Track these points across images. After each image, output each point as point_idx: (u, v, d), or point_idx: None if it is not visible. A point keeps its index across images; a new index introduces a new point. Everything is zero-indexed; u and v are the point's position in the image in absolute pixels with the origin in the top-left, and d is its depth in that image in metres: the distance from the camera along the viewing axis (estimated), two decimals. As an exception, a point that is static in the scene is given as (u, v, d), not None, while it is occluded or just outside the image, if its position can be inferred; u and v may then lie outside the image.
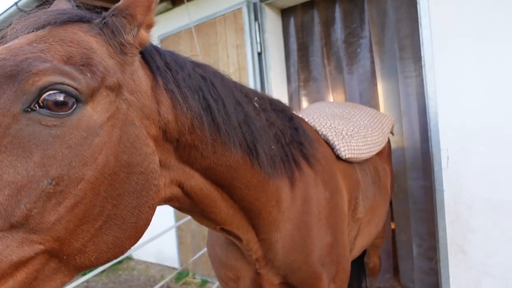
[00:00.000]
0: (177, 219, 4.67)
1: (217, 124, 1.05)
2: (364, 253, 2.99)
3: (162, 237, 4.46)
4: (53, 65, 0.70)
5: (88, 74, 0.75)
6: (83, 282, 4.80)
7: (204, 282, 4.64)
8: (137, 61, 0.91)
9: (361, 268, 3.07)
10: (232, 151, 1.10)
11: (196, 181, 1.07)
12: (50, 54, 0.72)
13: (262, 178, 1.21)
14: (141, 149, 0.83)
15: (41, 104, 0.68)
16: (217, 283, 3.88)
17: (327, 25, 3.90)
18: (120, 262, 5.59)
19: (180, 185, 1.05)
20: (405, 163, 3.48)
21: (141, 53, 0.94)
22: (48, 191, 0.66)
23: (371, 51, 3.64)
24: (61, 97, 0.69)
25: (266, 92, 3.85)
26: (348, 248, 1.62)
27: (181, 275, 4.82)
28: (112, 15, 0.87)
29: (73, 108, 0.71)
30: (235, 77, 4.02)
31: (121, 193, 0.78)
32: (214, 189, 1.13)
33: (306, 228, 1.38)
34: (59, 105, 0.69)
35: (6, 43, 0.82)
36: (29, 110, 0.68)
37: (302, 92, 4.12)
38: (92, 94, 0.75)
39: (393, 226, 3.71)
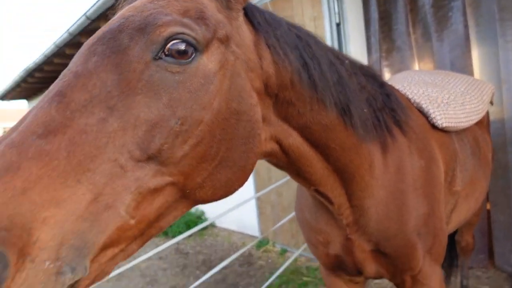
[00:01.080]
0: (257, 190, 4.88)
1: (314, 81, 1.09)
2: (455, 231, 2.85)
3: (243, 207, 4.69)
4: (173, 17, 0.79)
5: (203, 26, 0.82)
6: (173, 244, 5.30)
7: (284, 251, 4.83)
8: (241, 16, 0.97)
9: (452, 246, 2.94)
10: (328, 109, 1.13)
11: (294, 140, 1.12)
12: (170, 9, 0.81)
13: (356, 140, 1.23)
14: (247, 99, 0.90)
15: (166, 52, 0.77)
16: (296, 253, 4.02)
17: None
18: (205, 228, 6.04)
19: (279, 142, 1.11)
20: (504, 136, 3.18)
21: (243, 9, 1.00)
22: (175, 129, 0.75)
23: (464, 14, 3.31)
24: (182, 46, 0.78)
25: (347, 63, 3.75)
26: (445, 220, 1.58)
27: (261, 243, 5.07)
28: None
29: (192, 56, 0.79)
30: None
31: (232, 138, 0.86)
32: (310, 149, 1.17)
33: (401, 197, 1.37)
34: (181, 53, 0.78)
35: (130, 3, 0.93)
36: (157, 58, 0.76)
37: (384, 63, 3.93)
38: (206, 45, 0.83)
39: (488, 206, 3.45)
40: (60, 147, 0.63)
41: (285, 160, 1.17)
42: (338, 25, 3.69)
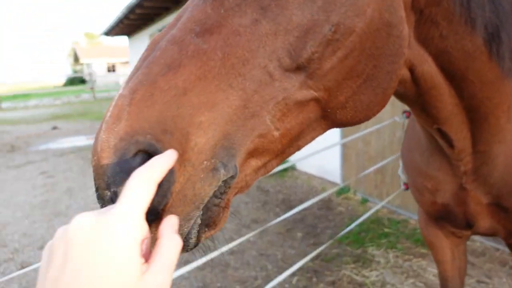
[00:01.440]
0: (343, 136, 4.75)
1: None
2: None
3: (326, 153, 4.63)
4: None
5: None
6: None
7: (365, 200, 4.75)
8: None
9: None
10: (476, 32, 0.97)
11: (428, 67, 0.99)
12: None
13: (499, 74, 1.05)
14: (398, 11, 0.80)
15: None
16: (380, 204, 3.91)
17: None
18: (285, 170, 6.17)
19: (411, 68, 0.98)
20: None
21: None
22: (328, 37, 0.68)
23: None
24: None
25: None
26: None
27: (342, 191, 5.03)
28: None
29: None
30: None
31: (381, 54, 0.78)
32: (444, 80, 1.04)
33: None
34: None
35: None
36: None
37: None
38: None
39: None
40: (216, 47, 0.62)
41: (413, 91, 1.04)
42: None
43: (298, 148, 0.80)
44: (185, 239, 0.62)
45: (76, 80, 47.20)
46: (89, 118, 15.57)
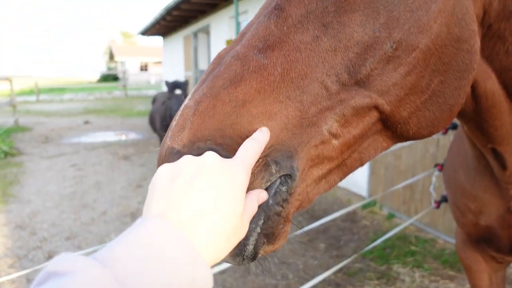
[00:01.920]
0: (373, 149, 4.64)
1: None
2: None
3: (355, 164, 4.54)
4: None
5: None
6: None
7: (391, 215, 4.62)
8: None
9: None
10: None
11: (492, 84, 0.95)
12: None
13: None
14: (469, 25, 0.77)
15: None
16: (408, 221, 3.79)
17: None
18: (310, 178, 6.09)
19: (474, 85, 0.94)
20: None
21: None
22: (389, 54, 0.69)
23: None
24: None
25: None
26: None
27: (368, 204, 4.91)
28: None
29: None
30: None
31: (447, 69, 0.76)
32: (505, 99, 0.99)
33: None
34: None
35: None
36: None
37: None
38: None
39: None
40: (276, 62, 0.66)
41: (472, 108, 1.00)
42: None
43: (361, 162, 0.79)
44: (242, 245, 0.62)
45: (110, 77, 48.73)
46: (119, 114, 16.02)
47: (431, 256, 3.67)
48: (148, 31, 16.29)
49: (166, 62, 17.77)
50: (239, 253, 0.62)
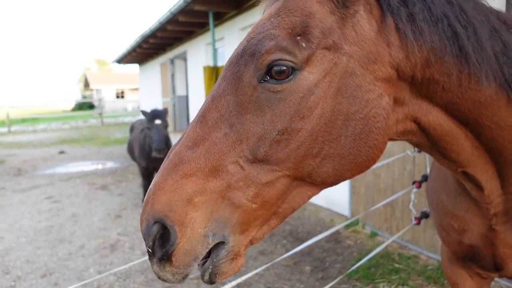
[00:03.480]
0: (353, 169, 4.71)
1: (466, 53, 0.96)
2: None
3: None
4: (275, 42, 0.88)
5: (303, 44, 0.89)
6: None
7: (374, 234, 4.66)
8: (361, 9, 0.92)
9: None
10: (483, 84, 0.98)
11: (434, 117, 1.02)
12: (279, 30, 0.90)
13: None
14: (362, 97, 0.92)
15: (269, 75, 0.89)
16: (391, 239, 3.83)
17: None
18: (292, 200, 6.09)
19: (416, 121, 1.03)
20: None
21: None
22: (276, 139, 0.89)
23: None
24: (281, 69, 0.88)
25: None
26: None
27: (350, 223, 4.94)
28: None
29: (291, 75, 0.89)
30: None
31: (337, 137, 0.92)
32: (456, 127, 1.05)
33: None
34: (281, 75, 0.89)
35: (266, 9, 1.05)
36: (262, 81, 0.90)
37: None
38: (307, 61, 0.89)
39: None
40: (201, 155, 0.90)
41: (425, 139, 1.08)
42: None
43: (293, 209, 0.98)
44: (202, 273, 0.94)
45: (85, 105, 47.95)
46: (96, 143, 15.70)
47: (415, 273, 3.70)
48: (124, 59, 16.26)
49: (143, 88, 17.71)
50: (181, 280, 0.91)
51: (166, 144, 5.49)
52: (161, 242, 0.88)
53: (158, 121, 5.45)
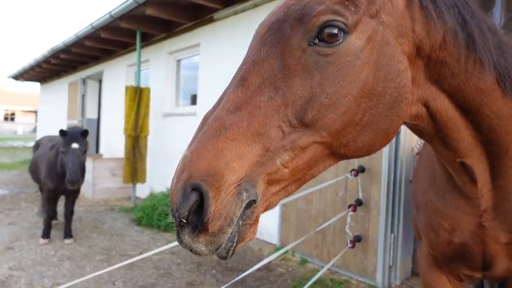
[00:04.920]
0: (285, 195, 4.72)
1: (473, 39, 1.07)
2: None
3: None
4: (326, 6, 0.90)
5: (352, 8, 0.92)
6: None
7: (304, 261, 4.65)
8: None
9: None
10: (485, 71, 1.09)
11: (442, 102, 1.11)
12: None
13: None
14: (395, 66, 0.96)
15: (319, 38, 0.90)
16: (325, 267, 3.85)
17: (483, 8, 3.62)
18: (218, 230, 5.82)
19: (426, 104, 1.10)
20: None
21: None
22: (325, 103, 0.90)
23: None
24: (334, 31, 0.90)
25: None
26: None
27: (279, 250, 4.87)
28: None
29: (341, 38, 0.90)
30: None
31: (377, 104, 0.95)
32: (459, 115, 1.13)
33: None
34: (332, 38, 0.90)
35: None
36: (312, 44, 0.91)
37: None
38: (355, 25, 0.92)
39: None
40: (243, 119, 0.88)
41: (432, 126, 1.15)
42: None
43: (313, 176, 1.00)
44: (220, 248, 0.87)
45: (-38, 126, 41.00)
46: (-24, 167, 13.31)
47: (348, 297, 3.74)
48: (24, 75, 14.51)
49: (44, 110, 15.87)
50: (214, 251, 0.86)
51: (82, 173, 4.79)
52: (195, 211, 0.83)
53: (75, 145, 4.65)
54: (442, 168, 1.35)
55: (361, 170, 3.91)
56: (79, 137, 4.75)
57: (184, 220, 0.82)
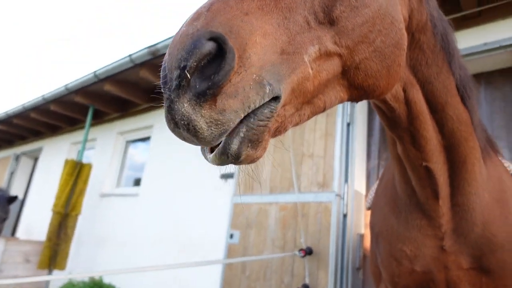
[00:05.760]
0: (224, 284, 4.33)
1: (447, 37, 1.21)
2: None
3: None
4: None
5: None
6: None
7: None
8: None
9: None
10: (451, 71, 1.22)
11: (416, 92, 1.19)
12: None
13: (469, 119, 1.26)
14: (399, 13, 1.03)
15: None
16: None
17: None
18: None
19: (404, 88, 1.17)
20: None
21: None
22: (352, 3, 0.89)
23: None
24: None
25: (349, 162, 3.93)
26: None
27: None
28: None
29: None
30: (320, 142, 4.15)
31: (387, 33, 0.97)
32: (428, 111, 1.22)
33: (507, 206, 1.30)
34: None
35: None
36: None
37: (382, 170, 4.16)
38: None
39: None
40: None
41: (405, 114, 1.20)
42: (348, 125, 3.98)
43: (324, 107, 0.91)
44: (227, 144, 0.70)
45: None
46: None
47: None
48: None
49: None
50: (223, 151, 0.70)
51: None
52: (205, 69, 0.65)
53: None
54: (405, 185, 1.36)
55: (309, 252, 3.78)
56: (2, 203, 4.20)
57: (188, 76, 0.63)
